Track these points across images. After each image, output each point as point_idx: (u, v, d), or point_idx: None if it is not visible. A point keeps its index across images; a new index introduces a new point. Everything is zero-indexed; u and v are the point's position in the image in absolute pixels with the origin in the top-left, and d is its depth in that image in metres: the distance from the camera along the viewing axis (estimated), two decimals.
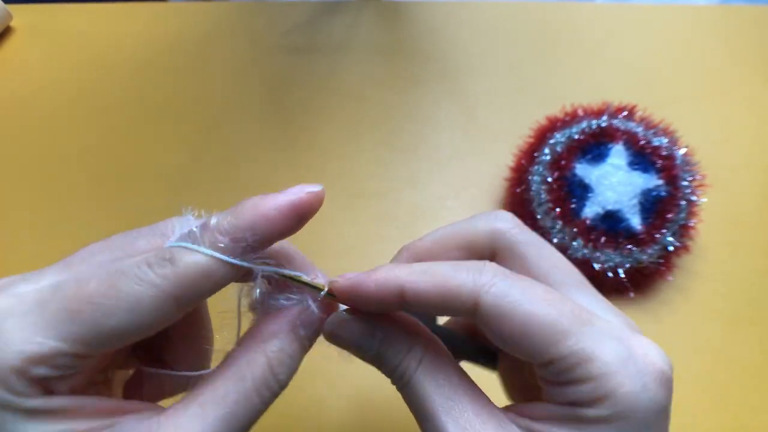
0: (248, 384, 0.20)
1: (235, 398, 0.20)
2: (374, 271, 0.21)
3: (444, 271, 0.20)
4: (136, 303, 0.18)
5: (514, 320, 0.19)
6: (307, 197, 0.21)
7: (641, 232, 0.40)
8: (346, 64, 0.57)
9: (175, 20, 0.61)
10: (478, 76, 0.56)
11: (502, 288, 0.19)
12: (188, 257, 0.19)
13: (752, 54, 0.56)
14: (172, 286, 0.19)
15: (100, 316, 0.18)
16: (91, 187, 0.49)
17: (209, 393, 0.20)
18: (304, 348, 0.22)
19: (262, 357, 0.21)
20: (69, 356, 0.18)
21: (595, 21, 0.60)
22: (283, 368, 0.21)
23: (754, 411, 0.38)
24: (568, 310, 0.19)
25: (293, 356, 0.22)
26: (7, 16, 0.60)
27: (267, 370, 0.21)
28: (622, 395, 0.18)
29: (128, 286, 0.18)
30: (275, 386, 0.21)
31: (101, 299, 0.18)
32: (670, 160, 0.42)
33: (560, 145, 0.43)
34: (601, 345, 0.19)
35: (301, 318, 0.22)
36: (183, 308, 0.19)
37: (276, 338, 0.21)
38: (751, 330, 0.41)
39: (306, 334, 0.22)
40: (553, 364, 0.19)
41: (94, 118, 0.54)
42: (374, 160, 0.50)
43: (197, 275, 0.19)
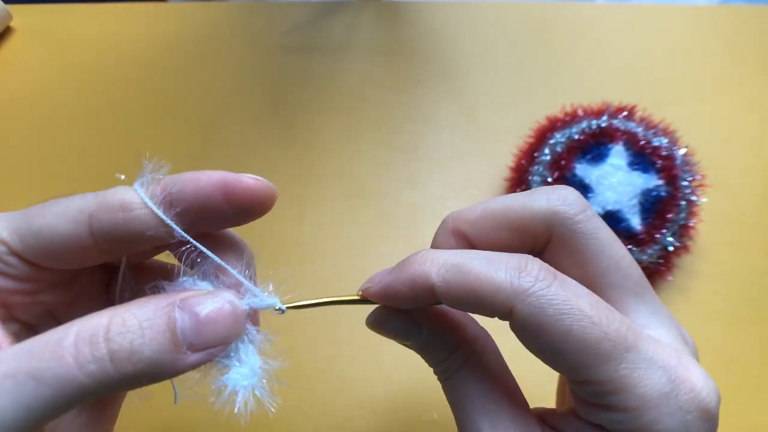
0: (69, 334, 0.16)
1: (41, 345, 0.16)
2: (403, 268, 0.20)
3: (478, 269, 0.18)
4: (62, 212, 0.20)
5: (551, 336, 0.17)
6: (244, 182, 0.20)
7: (641, 232, 0.40)
8: (346, 64, 0.57)
9: (175, 20, 0.61)
10: (478, 76, 0.56)
11: (542, 298, 0.17)
12: (118, 189, 0.20)
13: (752, 54, 0.56)
14: (90, 204, 0.20)
15: (35, 216, 0.20)
16: (91, 187, 0.49)
17: (26, 341, 0.17)
18: (173, 335, 0.17)
19: (105, 314, 0.17)
20: (3, 245, 0.20)
21: (595, 21, 0.60)
22: (122, 330, 0.17)
23: (755, 411, 0.38)
24: (613, 330, 0.17)
25: (147, 331, 0.17)
26: (7, 16, 0.60)
27: (102, 324, 0.17)
28: None
29: (66, 200, 0.20)
30: (102, 350, 0.16)
31: (45, 206, 0.20)
32: (670, 160, 0.42)
33: (560, 145, 0.43)
34: (643, 374, 0.17)
35: (185, 300, 0.18)
36: (95, 235, 0.20)
37: (140, 306, 0.18)
38: (751, 330, 0.41)
39: (183, 320, 0.17)
40: (588, 386, 0.18)
41: (94, 118, 0.54)
42: (374, 160, 0.50)
43: (114, 202, 0.20)
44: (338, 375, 0.39)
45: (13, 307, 0.21)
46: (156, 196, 0.20)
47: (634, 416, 0.17)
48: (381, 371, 0.39)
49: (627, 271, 0.20)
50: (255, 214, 0.21)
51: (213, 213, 0.20)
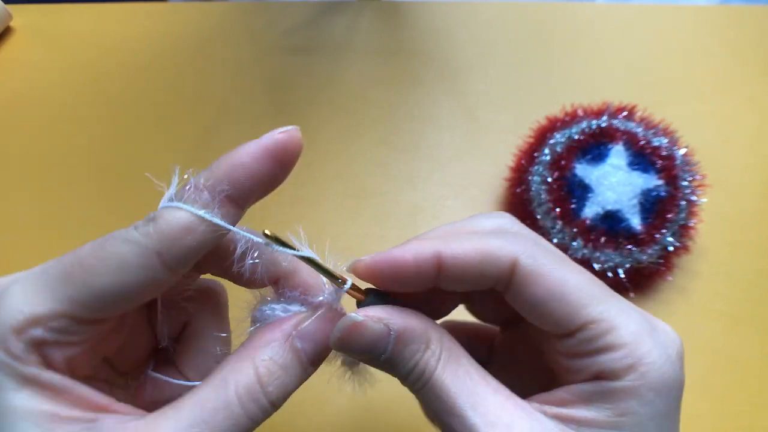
0: (230, 392, 0.19)
1: (214, 405, 0.19)
2: (405, 245, 0.21)
3: (480, 236, 0.20)
4: (122, 261, 0.19)
5: (550, 282, 0.19)
6: (280, 138, 0.21)
7: (641, 232, 0.40)
8: (346, 64, 0.57)
9: (175, 20, 0.61)
10: (478, 76, 0.56)
11: (538, 252, 0.20)
12: (169, 214, 0.19)
13: (752, 54, 0.56)
14: (154, 242, 0.19)
15: (89, 275, 0.19)
16: (91, 187, 0.49)
17: (188, 398, 0.19)
18: (302, 362, 0.21)
19: (248, 364, 0.20)
20: (64, 318, 0.19)
21: (595, 21, 0.60)
22: (272, 379, 0.20)
23: (755, 411, 0.38)
24: (596, 279, 0.20)
25: (286, 368, 0.20)
26: (7, 16, 0.60)
27: (253, 379, 0.19)
28: (650, 365, 0.18)
29: (114, 246, 0.19)
30: (263, 399, 0.19)
31: (91, 260, 0.19)
32: (670, 160, 0.42)
33: (560, 145, 0.43)
34: (627, 314, 0.19)
35: (299, 328, 0.21)
36: (170, 267, 0.19)
37: (267, 347, 0.20)
38: (751, 330, 0.41)
39: (304, 347, 0.21)
40: (583, 330, 0.19)
41: (94, 117, 0.54)
42: (374, 160, 0.50)
43: (177, 230, 0.19)
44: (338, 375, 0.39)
45: (77, 369, 0.21)
46: (207, 201, 0.20)
47: (628, 351, 0.18)
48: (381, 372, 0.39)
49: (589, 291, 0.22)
50: (295, 162, 0.22)
51: (266, 181, 0.21)
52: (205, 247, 0.20)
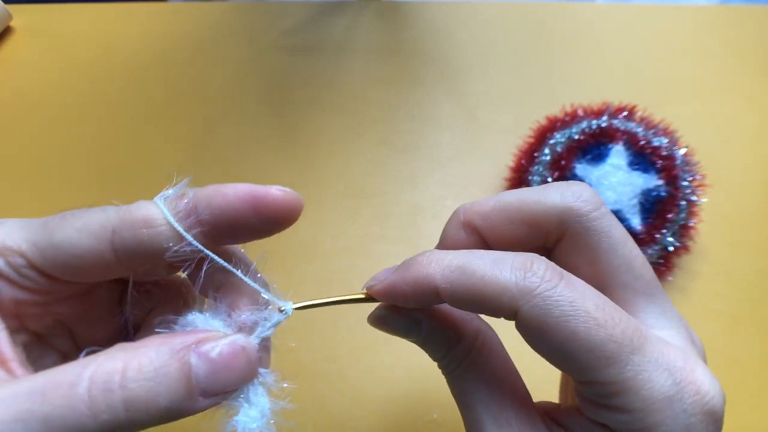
0: (84, 374, 0.16)
1: (60, 380, 0.16)
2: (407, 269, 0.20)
3: (483, 270, 0.18)
4: (82, 225, 0.20)
5: (557, 337, 0.17)
6: (272, 192, 0.20)
7: (641, 232, 0.40)
8: (346, 64, 0.57)
9: (175, 20, 0.61)
10: (478, 76, 0.56)
11: (548, 299, 0.17)
12: (141, 204, 0.20)
13: (752, 54, 0.56)
14: (113, 219, 0.20)
15: (55, 229, 0.20)
16: (91, 187, 0.49)
17: (54, 368, 0.17)
18: (187, 382, 0.17)
19: (122, 354, 0.17)
20: (23, 258, 0.20)
21: (595, 21, 0.60)
22: (139, 381, 0.16)
23: (755, 411, 0.38)
24: (619, 332, 0.17)
25: (163, 376, 0.17)
26: (7, 16, 0.60)
27: (117, 368, 0.16)
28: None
29: (86, 212, 0.20)
30: (116, 398, 0.16)
31: (64, 218, 0.20)
32: (670, 160, 0.42)
33: (560, 145, 0.43)
34: (647, 377, 0.17)
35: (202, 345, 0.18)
36: (117, 250, 0.19)
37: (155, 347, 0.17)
38: (751, 330, 0.41)
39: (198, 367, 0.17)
40: (594, 387, 0.18)
41: (94, 117, 0.54)
42: (374, 160, 0.50)
43: (137, 218, 0.20)
44: (338, 375, 0.39)
45: (25, 318, 0.21)
46: (180, 210, 0.20)
47: (638, 418, 0.17)
48: (381, 371, 0.39)
49: (639, 272, 0.20)
50: (283, 225, 0.21)
51: (240, 226, 0.20)
52: (156, 249, 0.20)
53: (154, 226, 0.19)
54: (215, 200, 0.20)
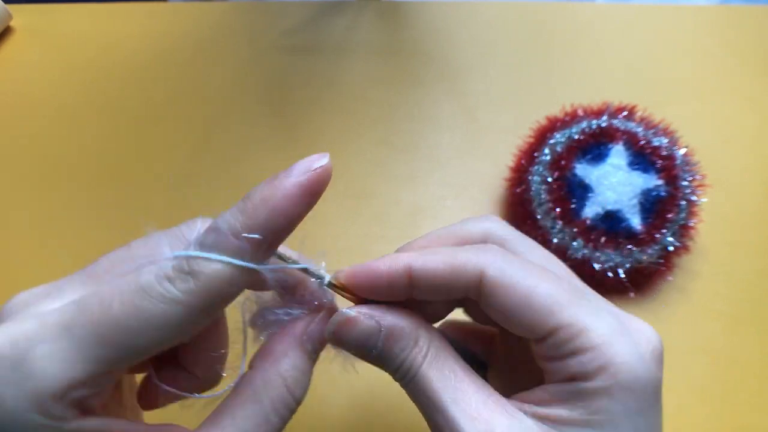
0: (266, 406, 0.21)
1: (255, 422, 0.21)
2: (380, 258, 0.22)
3: (449, 250, 0.21)
4: (164, 322, 0.18)
5: (517, 292, 0.20)
6: (315, 175, 0.20)
7: (641, 232, 0.40)
8: (346, 64, 0.57)
9: (175, 20, 0.61)
10: (478, 76, 0.56)
11: (505, 264, 0.20)
12: (208, 268, 0.19)
13: (752, 54, 0.56)
14: (197, 299, 0.18)
15: (129, 338, 0.18)
16: (91, 187, 0.49)
17: (228, 419, 0.20)
18: (313, 361, 0.23)
19: (277, 378, 0.22)
20: (102, 377, 0.19)
21: (595, 21, 0.60)
22: (298, 385, 0.22)
23: (755, 411, 0.38)
24: (565, 285, 0.20)
25: (305, 372, 0.22)
26: (7, 16, 0.60)
27: (284, 390, 0.22)
28: (621, 365, 0.19)
29: (153, 305, 0.18)
30: (293, 404, 0.22)
31: (127, 322, 0.18)
32: (670, 160, 0.42)
33: (560, 145, 0.43)
34: (597, 317, 0.19)
35: (308, 332, 0.23)
36: (209, 317, 0.20)
37: (287, 357, 0.22)
38: (751, 330, 0.41)
39: (313, 347, 0.23)
40: (553, 335, 0.19)
41: (94, 117, 0.54)
42: (374, 160, 0.50)
43: (220, 284, 0.19)
44: (338, 375, 0.39)
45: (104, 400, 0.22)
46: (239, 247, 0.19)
47: (598, 353, 0.19)
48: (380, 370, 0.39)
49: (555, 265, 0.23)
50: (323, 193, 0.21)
51: (295, 223, 0.21)
52: (241, 291, 0.21)
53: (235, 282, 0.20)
54: (273, 220, 0.19)
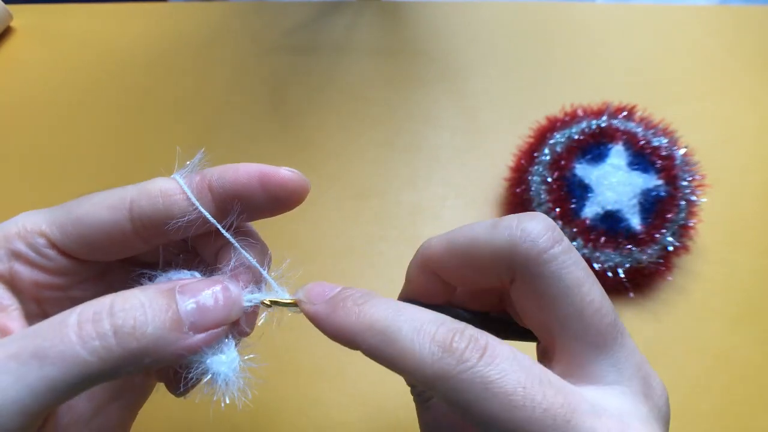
0: (73, 314, 0.17)
1: (49, 328, 0.16)
2: (336, 309, 0.19)
3: (404, 341, 0.17)
4: (101, 199, 0.21)
5: (475, 417, 0.16)
6: (281, 174, 0.21)
7: (641, 232, 0.40)
8: (346, 64, 0.57)
9: (175, 20, 0.61)
10: (478, 76, 0.56)
11: (464, 381, 0.16)
12: (158, 179, 0.21)
13: (752, 54, 0.56)
14: (131, 192, 0.21)
15: (74, 206, 0.21)
16: (91, 186, 0.49)
17: (37, 324, 0.17)
18: (174, 318, 0.17)
19: (110, 296, 0.17)
20: (44, 238, 0.20)
21: (595, 21, 0.60)
22: (127, 313, 0.17)
23: (755, 411, 0.38)
24: (541, 411, 0.16)
25: (150, 310, 0.17)
26: (7, 16, 0.60)
27: (105, 304, 0.17)
28: None
29: (104, 191, 0.21)
30: (106, 326, 0.16)
31: (80, 199, 0.21)
32: (670, 160, 0.42)
33: (560, 145, 0.43)
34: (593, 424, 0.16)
35: (185, 285, 0.19)
36: (135, 219, 0.20)
37: (142, 288, 0.18)
38: (751, 330, 0.41)
39: (183, 302, 0.18)
40: None
41: (94, 118, 0.54)
42: (374, 160, 0.50)
43: (154, 189, 0.21)
44: (337, 374, 0.39)
45: (44, 302, 0.22)
46: (194, 183, 0.21)
47: None
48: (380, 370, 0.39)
49: (590, 321, 0.19)
50: (289, 204, 0.22)
51: (249, 202, 0.21)
52: (171, 218, 0.21)
53: (169, 196, 0.21)
54: (227, 175, 0.21)
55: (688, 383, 0.39)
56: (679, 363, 0.39)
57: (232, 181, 0.21)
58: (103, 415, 0.22)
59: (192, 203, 0.21)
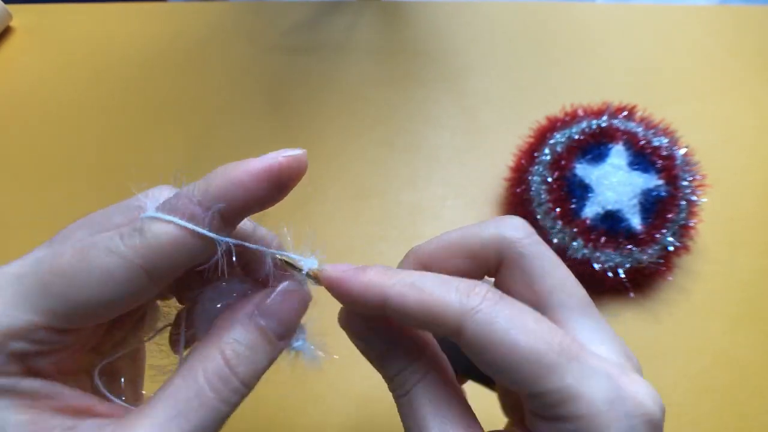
0: (200, 379, 0.19)
1: (186, 396, 0.18)
2: (365, 271, 0.20)
3: (431, 287, 0.19)
4: (107, 275, 0.18)
5: (498, 350, 0.18)
6: (285, 162, 0.20)
7: (641, 232, 0.40)
8: (346, 64, 0.57)
9: (175, 20, 0.61)
10: (478, 76, 0.56)
11: (489, 314, 0.18)
12: (157, 227, 0.18)
13: (752, 54, 0.56)
14: (141, 257, 0.18)
15: (71, 288, 0.18)
16: (91, 186, 0.49)
17: (161, 393, 0.19)
18: (268, 339, 0.20)
19: (214, 350, 0.19)
20: (45, 330, 0.18)
21: (595, 21, 0.60)
22: (240, 360, 0.19)
23: (755, 411, 0.38)
24: (557, 342, 0.18)
25: (252, 347, 0.20)
26: (7, 16, 0.60)
27: (221, 363, 0.19)
28: None
29: (98, 258, 0.18)
30: (234, 380, 0.19)
31: (72, 271, 0.18)
32: (670, 160, 0.42)
33: (560, 145, 0.43)
34: (588, 383, 0.18)
35: (260, 307, 0.20)
36: (156, 281, 0.19)
37: (231, 329, 0.20)
38: (751, 330, 0.41)
39: (268, 324, 0.20)
40: (539, 398, 0.18)
41: (93, 117, 0.54)
42: (374, 160, 0.50)
43: (166, 245, 0.18)
44: (337, 374, 0.39)
45: (67, 366, 0.21)
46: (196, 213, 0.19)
47: (584, 423, 0.18)
48: None
49: (571, 291, 0.21)
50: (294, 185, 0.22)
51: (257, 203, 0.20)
52: (193, 260, 0.19)
53: (184, 246, 0.19)
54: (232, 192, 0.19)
55: (688, 383, 0.39)
56: (679, 363, 0.39)
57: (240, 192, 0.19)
58: None
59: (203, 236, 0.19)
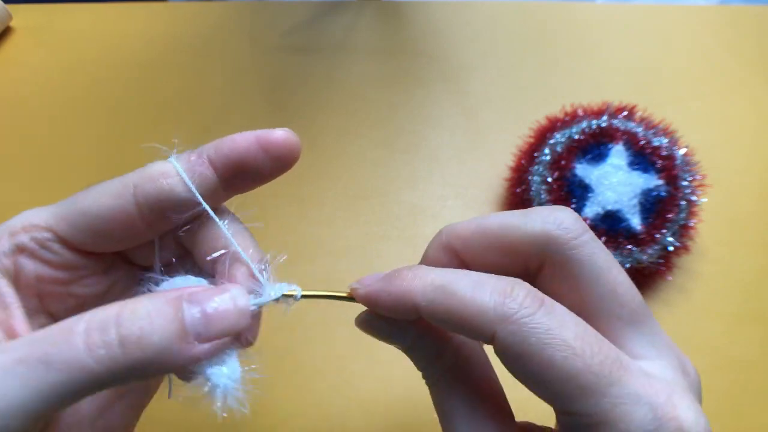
0: (81, 321, 0.17)
1: (56, 333, 0.16)
2: (391, 281, 0.20)
3: (463, 292, 0.18)
4: (104, 188, 0.21)
5: (532, 365, 0.17)
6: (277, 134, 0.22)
7: (641, 232, 0.40)
8: (346, 64, 0.57)
9: (175, 20, 0.61)
10: (478, 76, 0.56)
11: (525, 325, 0.17)
12: (156, 162, 0.21)
13: (752, 54, 0.56)
14: (133, 177, 0.21)
15: (78, 198, 0.21)
16: None
17: (42, 329, 0.17)
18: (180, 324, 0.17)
19: (116, 306, 0.17)
20: (49, 231, 0.21)
21: (595, 21, 0.60)
22: (134, 321, 0.17)
23: (755, 411, 0.38)
24: (598, 362, 0.17)
25: (156, 316, 0.17)
26: (7, 16, 0.60)
27: (111, 312, 0.17)
28: None
29: (105, 182, 0.21)
30: (111, 332, 0.16)
31: (83, 191, 0.22)
32: (670, 160, 0.42)
33: (560, 145, 0.43)
34: (626, 409, 0.16)
35: (192, 293, 0.18)
36: (140, 203, 0.21)
37: (148, 297, 0.18)
38: (751, 330, 0.41)
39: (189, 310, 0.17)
40: (570, 416, 0.17)
41: (94, 118, 0.54)
42: (374, 160, 0.50)
43: (155, 171, 0.21)
44: (336, 374, 0.39)
45: (46, 298, 0.22)
46: (191, 163, 0.21)
47: None
48: (379, 370, 0.39)
49: (623, 299, 0.20)
50: (288, 163, 0.22)
51: (251, 167, 0.22)
52: (175, 200, 0.21)
53: (171, 176, 0.21)
54: (224, 146, 0.21)
55: None
56: None
57: (232, 149, 0.21)
58: (108, 415, 0.22)
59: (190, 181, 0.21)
